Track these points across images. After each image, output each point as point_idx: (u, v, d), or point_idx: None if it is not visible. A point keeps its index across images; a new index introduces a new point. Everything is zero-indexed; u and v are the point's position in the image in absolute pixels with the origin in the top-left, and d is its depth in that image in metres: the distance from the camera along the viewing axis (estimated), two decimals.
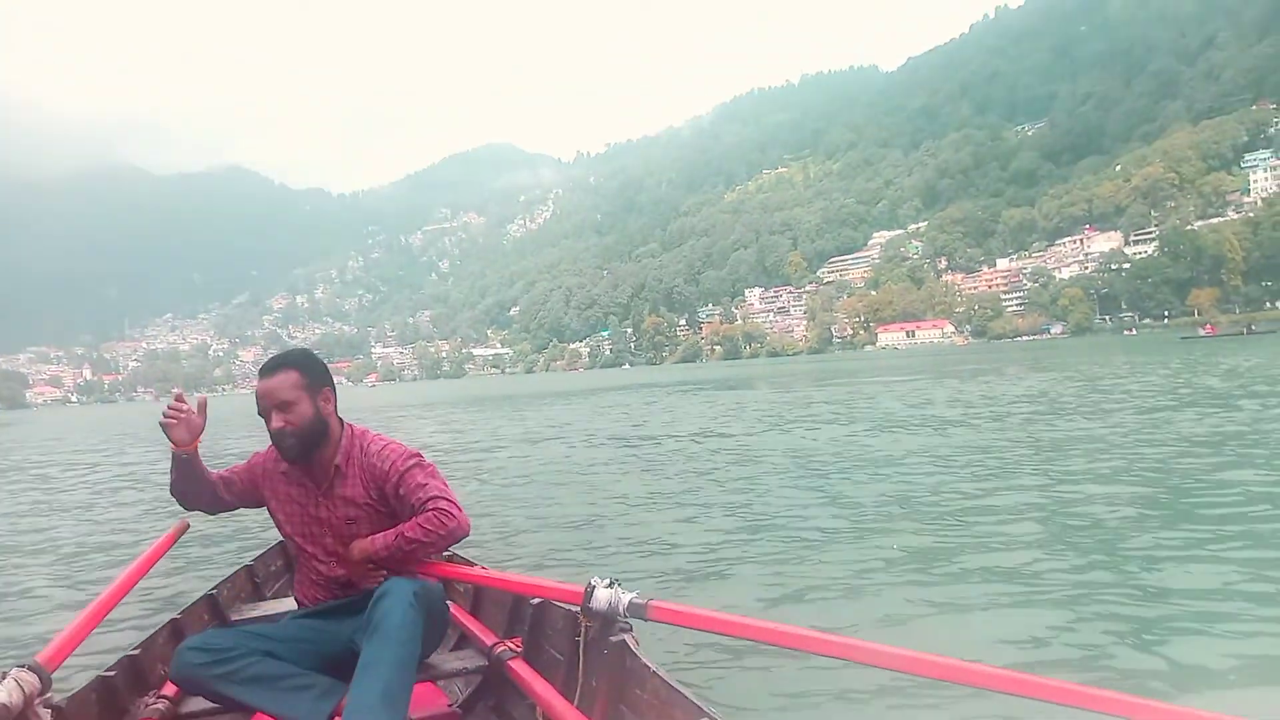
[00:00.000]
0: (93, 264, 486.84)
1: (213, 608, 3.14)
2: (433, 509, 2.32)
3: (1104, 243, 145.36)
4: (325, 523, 2.48)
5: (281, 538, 3.38)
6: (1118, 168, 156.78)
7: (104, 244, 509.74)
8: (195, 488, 2.60)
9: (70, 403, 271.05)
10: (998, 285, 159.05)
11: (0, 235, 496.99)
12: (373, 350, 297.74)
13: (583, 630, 2.18)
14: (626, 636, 2.11)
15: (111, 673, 2.31)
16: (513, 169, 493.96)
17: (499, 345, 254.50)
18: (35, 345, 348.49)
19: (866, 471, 8.95)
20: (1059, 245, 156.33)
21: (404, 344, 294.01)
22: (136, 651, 2.49)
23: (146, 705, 2.19)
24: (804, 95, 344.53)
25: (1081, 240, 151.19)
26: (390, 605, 2.13)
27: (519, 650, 2.50)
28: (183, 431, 2.51)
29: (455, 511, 2.33)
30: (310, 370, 2.44)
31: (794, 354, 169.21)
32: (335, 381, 2.59)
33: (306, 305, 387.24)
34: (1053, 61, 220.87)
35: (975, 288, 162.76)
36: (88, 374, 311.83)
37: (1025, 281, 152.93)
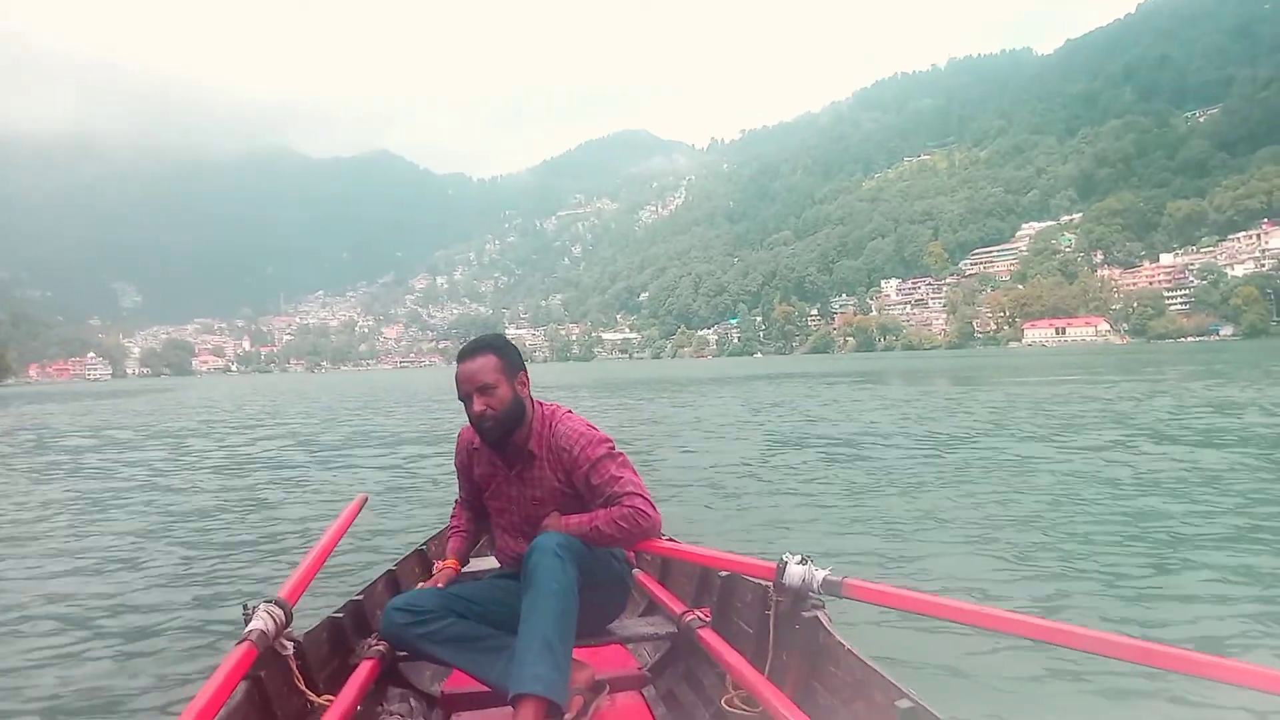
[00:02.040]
0: (253, 242, 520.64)
1: (422, 561, 3.39)
2: (628, 505, 2.34)
3: None
4: (514, 500, 2.56)
5: None
6: None
7: (264, 223, 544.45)
8: (468, 540, 2.90)
9: (230, 371, 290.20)
10: (1160, 282, 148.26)
11: (174, 212, 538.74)
12: (506, 331, 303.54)
13: (774, 605, 2.20)
14: (819, 613, 2.12)
15: (340, 615, 2.51)
16: (646, 155, 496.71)
17: (627, 330, 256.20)
18: (200, 317, 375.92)
19: (1091, 481, 8.25)
20: (1232, 240, 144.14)
21: (536, 326, 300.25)
22: (360, 598, 2.70)
23: (369, 647, 2.33)
24: (951, 80, 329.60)
25: (1259, 235, 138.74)
26: (537, 559, 2.19)
27: (708, 620, 2.53)
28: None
29: (649, 510, 2.35)
30: (507, 354, 2.47)
31: (931, 348, 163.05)
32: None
33: (445, 286, 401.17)
34: (1229, 43, 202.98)
35: (1134, 284, 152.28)
36: (246, 345, 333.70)
37: (1192, 278, 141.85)
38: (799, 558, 2.11)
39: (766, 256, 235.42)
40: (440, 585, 2.68)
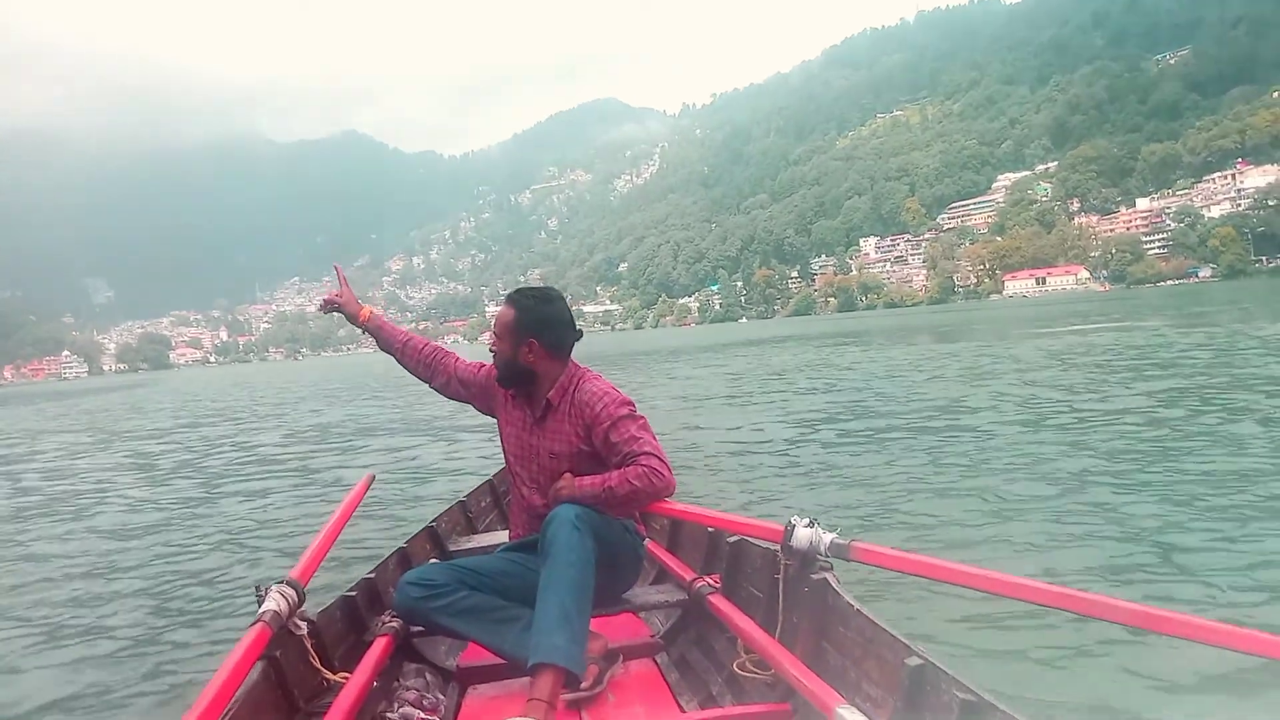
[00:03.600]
0: (225, 231, 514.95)
1: (433, 538, 3.45)
2: (644, 465, 2.37)
3: (1260, 177, 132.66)
4: (533, 449, 2.59)
5: (489, 476, 4.65)
6: (1276, 95, 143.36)
7: (235, 211, 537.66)
8: (404, 358, 2.97)
9: (209, 363, 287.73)
10: (1137, 227, 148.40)
11: (143, 204, 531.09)
12: (486, 309, 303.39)
13: (782, 568, 2.22)
14: (828, 575, 2.13)
15: (352, 593, 2.55)
16: (618, 124, 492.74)
17: (608, 302, 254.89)
18: (176, 309, 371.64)
19: (1087, 426, 8.26)
20: (1207, 181, 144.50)
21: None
22: (372, 575, 2.74)
23: (382, 624, 2.37)
24: (920, 34, 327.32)
25: (1233, 175, 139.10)
26: (555, 530, 2.21)
27: (718, 586, 2.57)
28: (348, 307, 2.99)
29: (664, 471, 2.38)
30: (523, 316, 2.53)
31: (913, 304, 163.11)
32: (451, 341, 3.07)
33: (422, 266, 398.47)
34: None
35: (1112, 230, 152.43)
36: (224, 335, 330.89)
37: (1169, 222, 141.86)
38: (806, 520, 2.14)
39: (744, 221, 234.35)
40: (354, 314, 2.97)
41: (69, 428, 22.07)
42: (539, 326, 2.52)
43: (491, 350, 2.63)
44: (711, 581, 2.57)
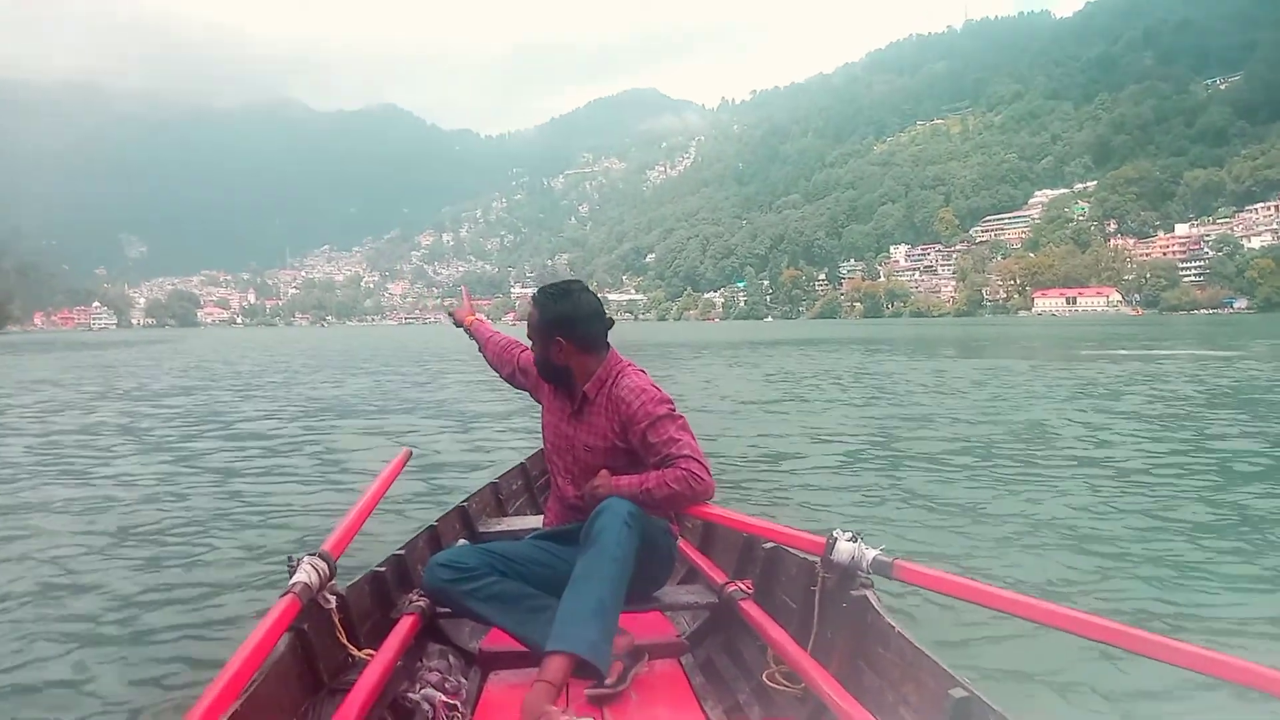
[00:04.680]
0: (258, 195, 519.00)
1: (463, 518, 3.44)
2: (684, 468, 2.33)
3: None
4: (569, 441, 2.57)
5: (522, 459, 4.64)
6: None
7: (269, 176, 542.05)
8: (486, 354, 3.15)
9: (235, 324, 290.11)
10: (1174, 253, 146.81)
11: (180, 163, 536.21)
12: (512, 290, 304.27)
13: (820, 581, 2.17)
14: (868, 593, 2.08)
15: (382, 569, 2.53)
16: (656, 115, 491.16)
17: (633, 291, 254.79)
18: (206, 269, 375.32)
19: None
20: (1250, 211, 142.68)
21: (542, 285, 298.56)
22: (401, 552, 2.71)
23: (410, 602, 2.36)
24: (966, 42, 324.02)
25: (1277, 206, 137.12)
26: (605, 522, 2.19)
27: (750, 592, 2.51)
28: (459, 313, 3.34)
29: (704, 474, 2.34)
30: (545, 315, 2.51)
31: (940, 315, 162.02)
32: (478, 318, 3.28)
33: (451, 243, 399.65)
34: (1253, 7, 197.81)
35: (1148, 254, 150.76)
36: (251, 298, 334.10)
37: (1207, 250, 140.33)
38: (849, 534, 2.09)
39: (775, 219, 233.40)
40: (461, 319, 3.32)
41: (91, 379, 21.81)
42: (563, 323, 2.48)
43: (531, 349, 2.66)
44: (744, 586, 2.53)
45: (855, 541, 2.06)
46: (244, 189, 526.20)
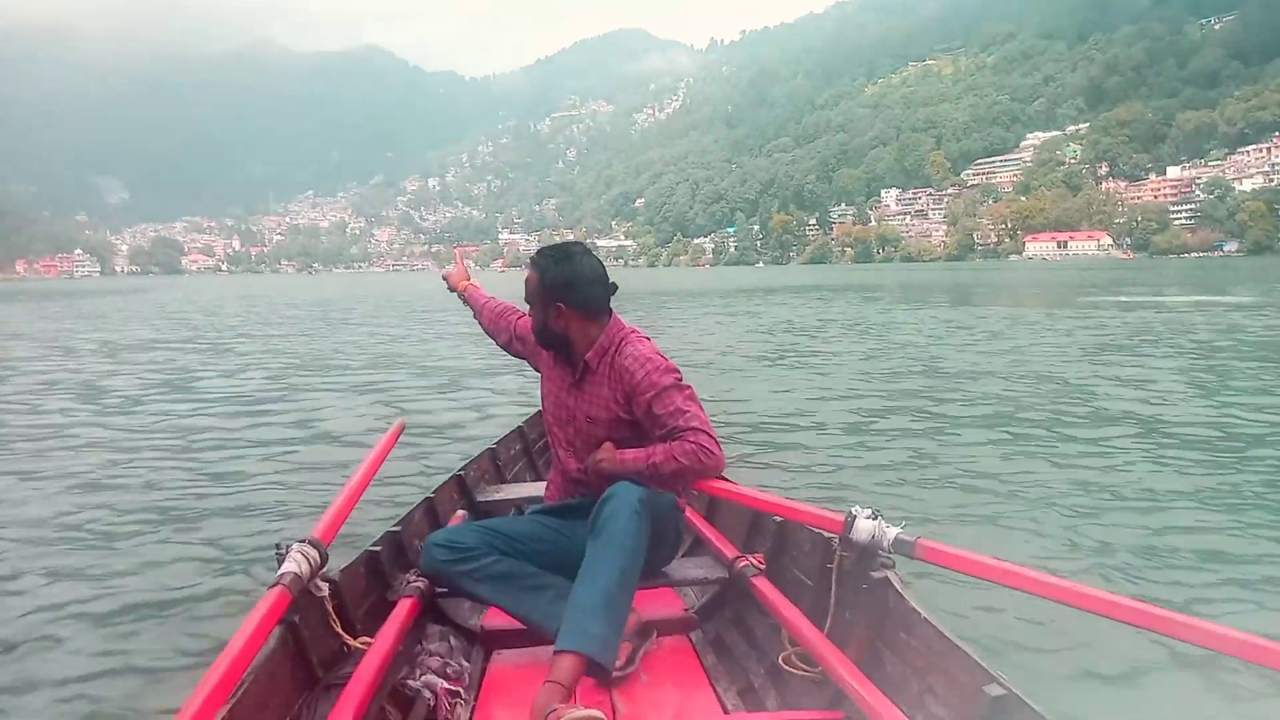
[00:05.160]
0: (241, 139, 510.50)
1: (461, 487, 3.31)
2: (692, 441, 2.22)
3: None
4: (570, 412, 2.47)
5: (520, 423, 4.43)
6: None
7: (251, 121, 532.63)
8: (481, 320, 3.06)
9: (220, 271, 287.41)
10: (1166, 195, 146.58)
11: (160, 107, 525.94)
12: (500, 235, 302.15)
13: (837, 559, 2.08)
14: (889, 573, 1.99)
15: (377, 548, 2.42)
16: (644, 55, 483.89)
17: (623, 237, 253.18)
18: (189, 215, 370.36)
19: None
20: (1242, 154, 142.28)
21: (529, 231, 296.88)
22: (397, 529, 2.60)
23: (407, 583, 2.28)
24: None
25: (1269, 149, 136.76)
26: (614, 509, 2.11)
27: (762, 567, 2.40)
28: (453, 278, 3.23)
29: (714, 448, 2.24)
30: (545, 278, 2.40)
31: (930, 260, 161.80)
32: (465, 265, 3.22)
33: (438, 188, 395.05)
34: None
35: (1139, 197, 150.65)
36: (236, 245, 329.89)
37: (1199, 193, 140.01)
38: (868, 511, 1.99)
39: (765, 164, 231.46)
40: (455, 285, 3.21)
41: (65, 334, 21.01)
42: (564, 288, 2.37)
43: (529, 315, 2.54)
44: (755, 562, 2.41)
45: (875, 519, 1.97)
46: (225, 134, 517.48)
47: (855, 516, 1.98)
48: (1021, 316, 20.15)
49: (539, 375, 2.68)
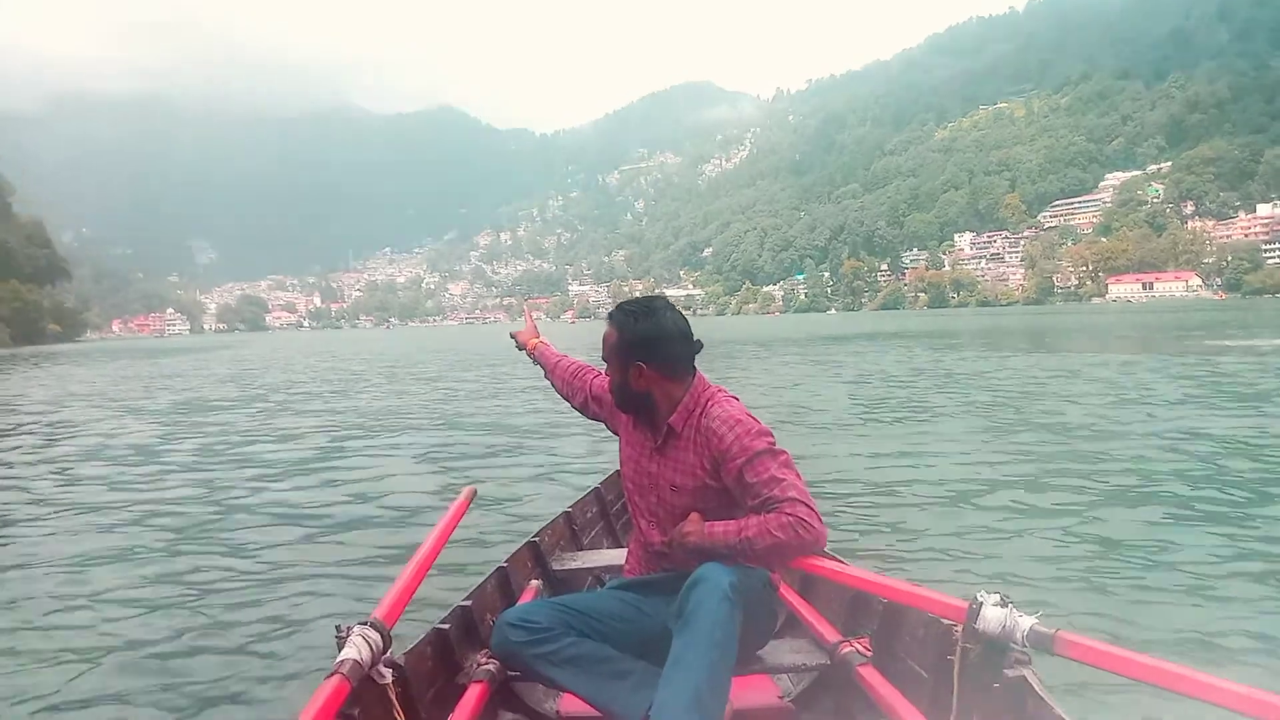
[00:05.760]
0: (321, 199, 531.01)
1: (535, 555, 3.12)
2: (789, 514, 2.02)
3: None
4: (653, 479, 2.31)
5: (597, 485, 4.20)
6: None
7: (330, 181, 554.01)
8: (553, 380, 2.89)
9: (302, 327, 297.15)
10: (1256, 234, 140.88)
11: (244, 171, 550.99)
12: (569, 287, 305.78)
13: (959, 651, 1.86)
14: (1026, 671, 1.78)
15: (445, 625, 2.29)
16: (710, 106, 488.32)
17: (691, 286, 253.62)
18: (273, 274, 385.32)
19: None
20: None
21: (599, 282, 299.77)
22: (468, 603, 2.47)
23: (479, 666, 2.15)
24: (1030, 23, 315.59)
25: None
26: (702, 597, 1.94)
27: (869, 655, 2.18)
28: (523, 335, 3.11)
29: (814, 521, 2.04)
30: (625, 335, 2.27)
31: (1008, 304, 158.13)
32: (536, 318, 3.16)
33: (509, 242, 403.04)
34: None
35: (1229, 236, 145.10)
36: (317, 301, 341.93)
37: None
38: (996, 598, 1.76)
39: (834, 210, 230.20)
40: (524, 343, 3.07)
41: (137, 391, 21.17)
42: (646, 347, 2.24)
43: (607, 376, 2.42)
44: (861, 648, 2.20)
45: (1006, 607, 1.74)
46: (307, 193, 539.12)
47: (982, 604, 1.76)
48: (1134, 363, 18.50)
49: (617, 438, 2.54)
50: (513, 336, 3.17)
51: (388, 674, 1.81)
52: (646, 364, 2.22)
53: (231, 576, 4.74)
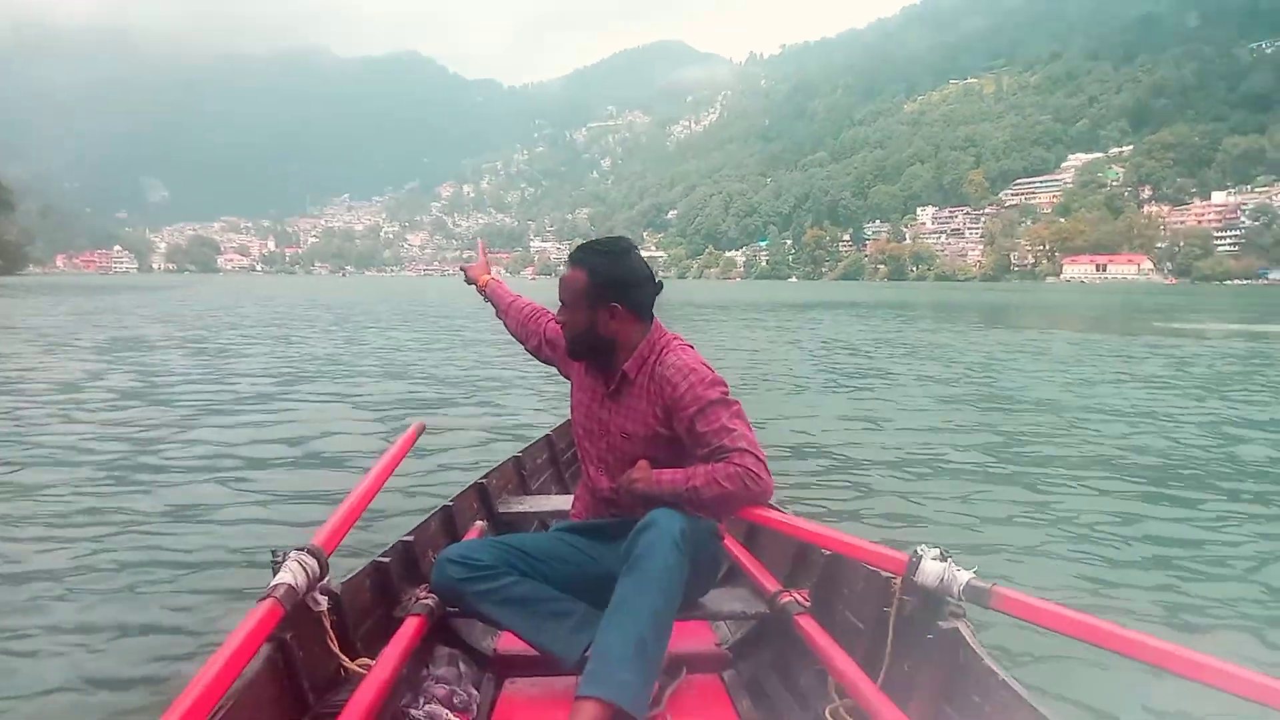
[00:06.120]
0: (280, 142, 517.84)
1: (481, 497, 3.11)
2: (737, 465, 2.00)
3: None
4: (604, 425, 2.27)
5: (548, 431, 4.25)
6: None
7: (291, 124, 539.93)
8: (506, 321, 2.77)
9: (255, 271, 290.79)
10: (1210, 221, 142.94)
11: (203, 109, 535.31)
12: (531, 243, 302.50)
13: (896, 603, 1.88)
14: (960, 624, 1.77)
15: (386, 559, 2.24)
16: (682, 67, 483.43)
17: (654, 248, 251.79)
18: (227, 215, 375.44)
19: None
20: None
21: (561, 240, 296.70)
22: (410, 538, 2.43)
23: (417, 599, 2.12)
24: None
25: None
26: (652, 541, 1.92)
27: (807, 605, 2.18)
28: (473, 270, 2.92)
29: (762, 472, 2.02)
30: (599, 277, 2.15)
31: (965, 279, 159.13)
32: (496, 273, 2.78)
33: (472, 195, 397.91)
34: None
35: (1183, 222, 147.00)
36: (271, 245, 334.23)
37: (1244, 219, 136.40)
38: (935, 552, 1.78)
39: (800, 178, 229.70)
40: (475, 278, 2.87)
41: (87, 327, 20.64)
42: (618, 288, 2.16)
43: (562, 322, 2.25)
44: (800, 598, 2.19)
45: (944, 560, 1.76)
46: (265, 135, 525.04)
47: (921, 556, 1.78)
48: (1082, 341, 18.91)
49: (568, 383, 2.47)
50: (463, 269, 3.01)
51: (323, 601, 1.78)
52: (621, 304, 2.16)
53: (164, 512, 4.64)
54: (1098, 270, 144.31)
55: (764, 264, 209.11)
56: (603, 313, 2.16)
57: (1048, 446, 6.89)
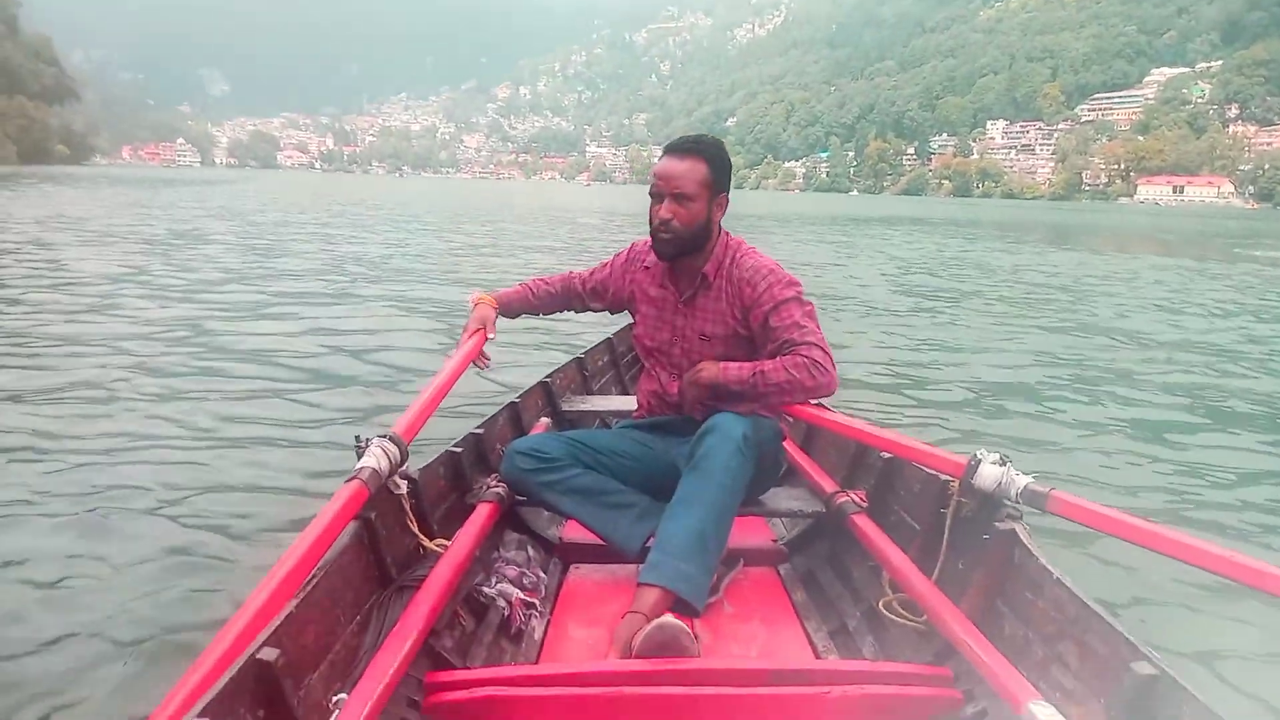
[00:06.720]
0: (339, 38, 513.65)
1: (546, 394, 3.20)
2: (805, 355, 2.06)
3: None
4: (679, 332, 2.29)
5: (610, 335, 4.25)
6: None
7: (350, 19, 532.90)
8: (542, 311, 2.67)
9: (314, 168, 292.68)
10: None
11: (267, 4, 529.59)
12: (586, 148, 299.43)
13: (953, 504, 1.90)
14: (1016, 525, 1.78)
15: (458, 449, 2.35)
16: None
17: None
18: (286, 111, 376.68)
19: None
20: None
21: (617, 145, 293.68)
22: (480, 431, 2.53)
23: (487, 488, 2.19)
24: None
25: None
26: (715, 444, 1.97)
27: (864, 505, 2.22)
28: (483, 311, 2.55)
29: (828, 365, 2.08)
30: (719, 168, 2.15)
31: (1033, 198, 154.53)
32: (549, 178, 2.75)
33: (528, 97, 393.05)
34: None
35: (1270, 144, 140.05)
36: (330, 143, 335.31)
37: None
38: (995, 456, 1.79)
39: (866, 87, 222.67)
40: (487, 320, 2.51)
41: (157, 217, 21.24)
42: (728, 179, 2.20)
43: (668, 220, 2.12)
44: (857, 498, 2.23)
45: (1004, 465, 1.77)
46: (324, 32, 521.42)
47: (980, 460, 1.80)
48: (1166, 265, 18.20)
49: (631, 311, 2.48)
50: (474, 306, 2.58)
51: (403, 485, 1.87)
52: (727, 194, 2.21)
53: (241, 397, 4.77)
54: (1174, 192, 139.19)
55: (824, 176, 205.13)
56: (716, 203, 2.17)
57: (1134, 375, 6.59)
